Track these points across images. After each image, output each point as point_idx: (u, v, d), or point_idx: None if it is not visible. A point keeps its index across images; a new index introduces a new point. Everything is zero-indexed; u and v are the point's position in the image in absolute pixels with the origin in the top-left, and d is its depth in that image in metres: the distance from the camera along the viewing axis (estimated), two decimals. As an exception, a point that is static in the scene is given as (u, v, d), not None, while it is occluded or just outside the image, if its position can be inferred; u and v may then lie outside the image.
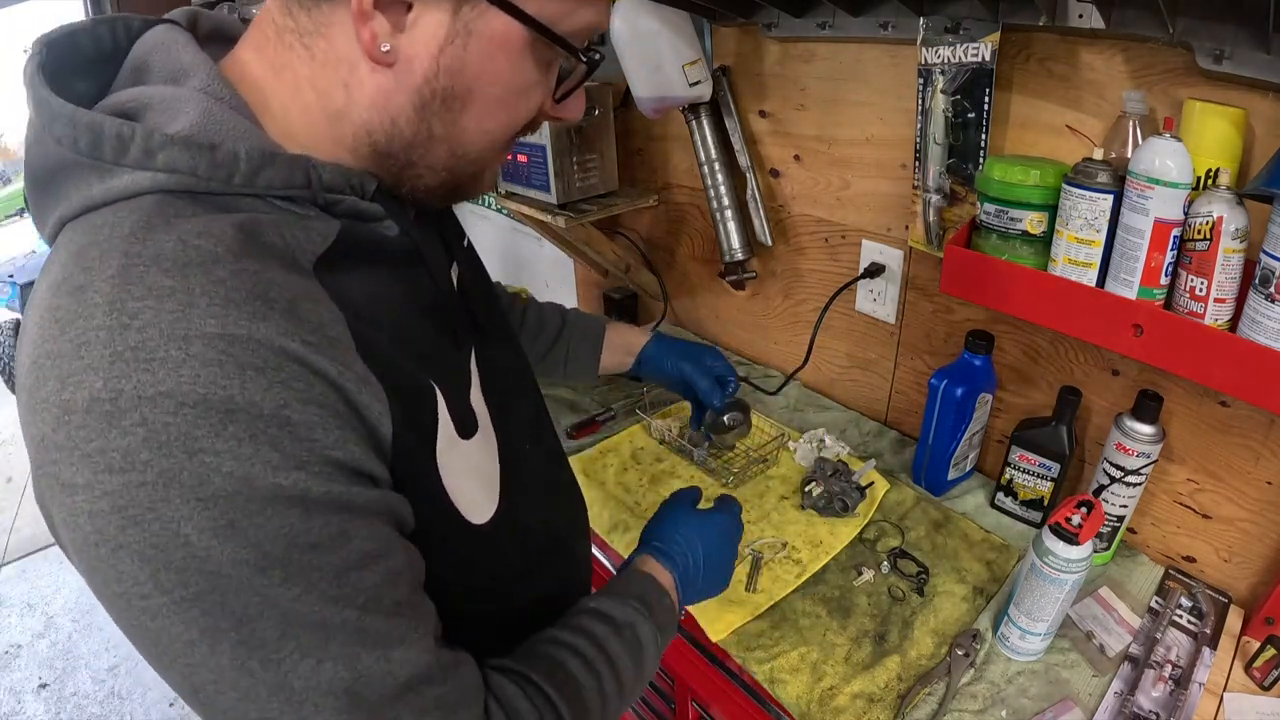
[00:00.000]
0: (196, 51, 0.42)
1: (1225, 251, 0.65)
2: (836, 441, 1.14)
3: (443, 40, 0.41)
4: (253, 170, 0.39)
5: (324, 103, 0.42)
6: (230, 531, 0.34)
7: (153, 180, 0.37)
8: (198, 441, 0.33)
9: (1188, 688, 0.75)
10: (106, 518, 0.33)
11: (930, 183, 0.94)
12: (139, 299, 0.33)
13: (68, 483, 0.33)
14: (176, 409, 0.32)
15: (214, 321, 0.33)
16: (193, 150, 0.37)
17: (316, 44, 0.41)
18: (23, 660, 2.12)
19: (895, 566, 0.91)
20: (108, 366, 0.32)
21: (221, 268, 0.35)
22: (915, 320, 1.11)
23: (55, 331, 0.34)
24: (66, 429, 0.32)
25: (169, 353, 0.33)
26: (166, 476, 0.32)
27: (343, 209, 0.43)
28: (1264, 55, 0.65)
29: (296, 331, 0.36)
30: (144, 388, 0.32)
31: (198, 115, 0.39)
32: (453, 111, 0.43)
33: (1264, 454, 0.81)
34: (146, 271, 0.34)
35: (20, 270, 4.15)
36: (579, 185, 1.28)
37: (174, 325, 0.33)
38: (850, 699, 0.75)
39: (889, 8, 0.92)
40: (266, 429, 0.34)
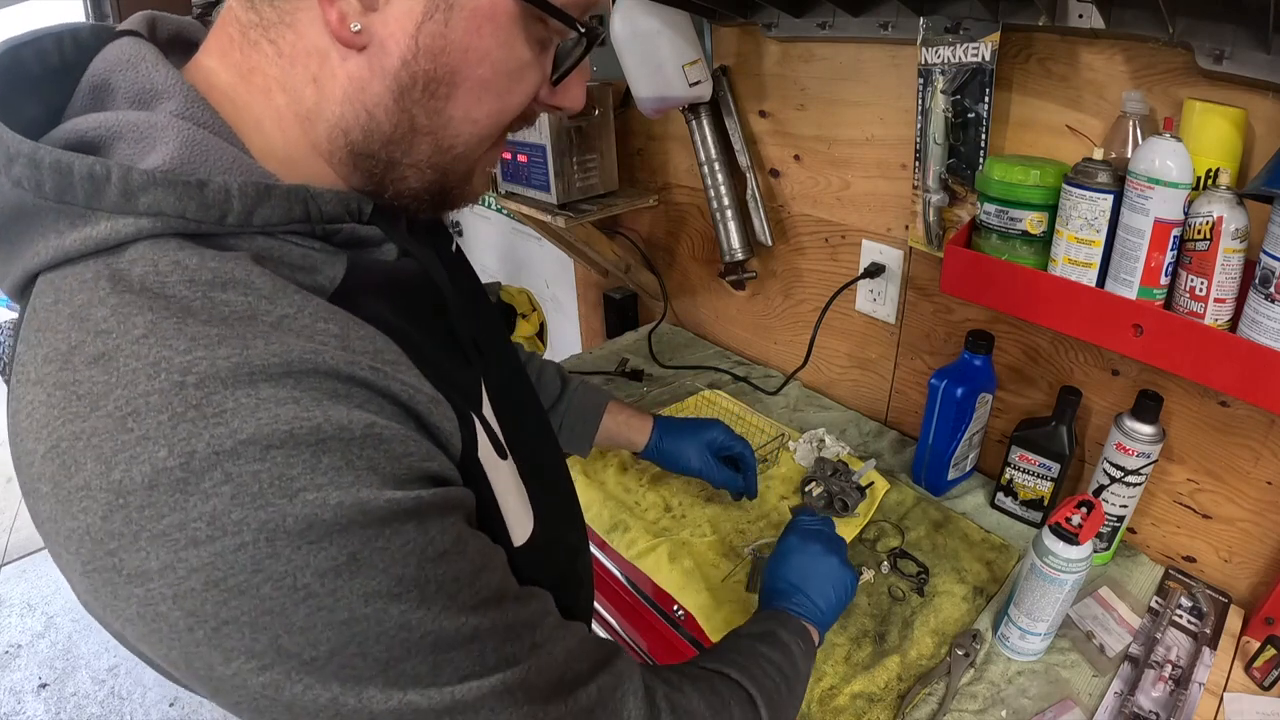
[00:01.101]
0: (168, 68, 0.37)
1: (1225, 251, 0.65)
2: (836, 441, 1.14)
3: (420, 16, 0.36)
4: (247, 208, 0.35)
5: (295, 105, 0.38)
6: (354, 566, 0.31)
7: (137, 227, 0.32)
8: (294, 481, 0.30)
9: (1188, 688, 0.75)
10: (199, 596, 0.29)
11: (930, 183, 0.94)
12: (185, 353, 0.30)
13: (137, 571, 0.29)
14: (263, 454, 0.29)
15: (276, 361, 0.31)
16: (179, 190, 0.33)
17: (283, 37, 0.37)
18: (23, 660, 2.12)
19: (895, 566, 0.91)
20: (170, 431, 0.29)
21: (262, 317, 0.32)
22: (915, 320, 1.11)
23: (83, 409, 0.30)
24: (124, 513, 0.29)
25: (239, 400, 0.29)
26: (269, 529, 0.29)
27: (342, 238, 0.39)
28: (1264, 55, 0.65)
29: (360, 357, 0.33)
30: (220, 441, 0.29)
31: (178, 146, 0.34)
32: (436, 99, 0.39)
33: (1264, 454, 0.81)
34: (183, 324, 0.30)
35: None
36: (579, 185, 1.29)
37: (235, 372, 0.30)
38: (850, 699, 0.75)
39: (889, 8, 0.92)
40: (363, 449, 0.31)
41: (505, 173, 1.36)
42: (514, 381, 0.61)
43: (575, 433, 0.91)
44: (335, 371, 0.32)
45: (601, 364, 1.40)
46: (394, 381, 0.34)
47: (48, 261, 0.33)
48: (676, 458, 0.93)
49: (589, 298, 1.79)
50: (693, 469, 0.93)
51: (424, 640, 0.33)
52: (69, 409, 0.30)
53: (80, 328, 0.31)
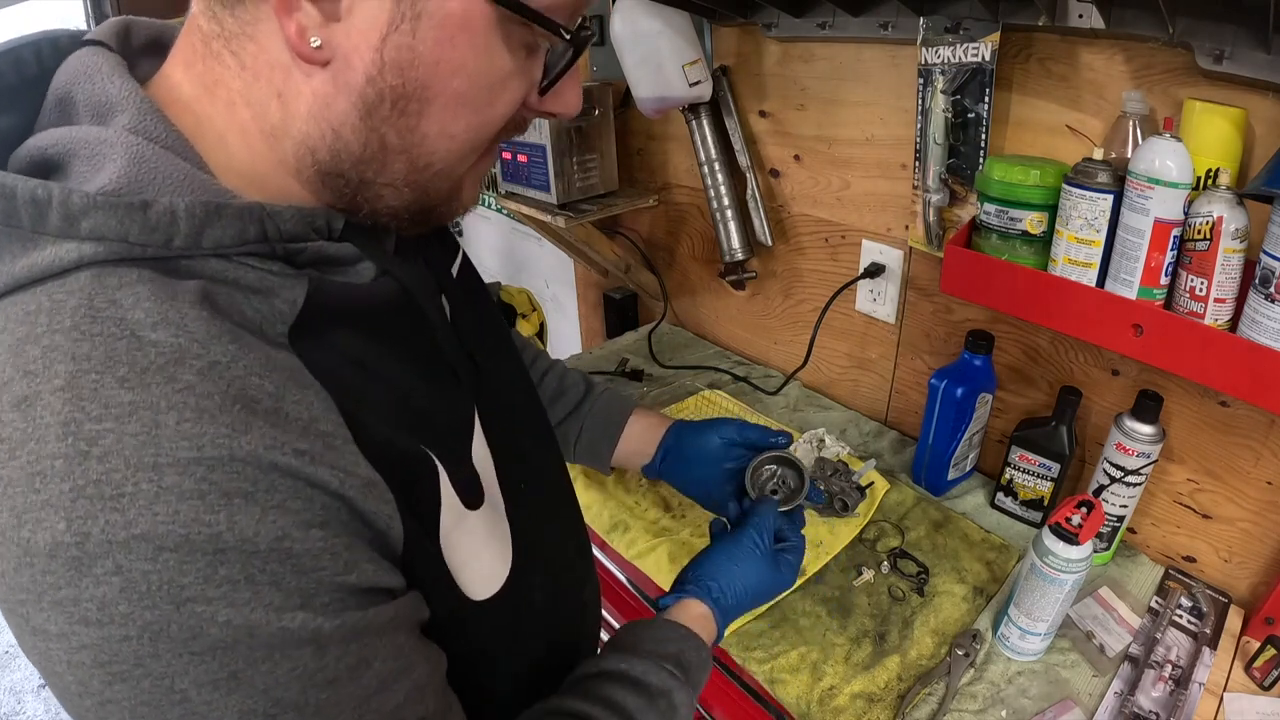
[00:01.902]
0: (124, 80, 0.35)
1: (1225, 251, 0.65)
2: (836, 441, 1.14)
3: (385, 28, 0.33)
4: (195, 230, 0.33)
5: (260, 121, 0.36)
6: (233, 683, 0.30)
7: (79, 252, 0.31)
8: (185, 590, 0.28)
9: (1188, 688, 0.75)
10: (88, 670, 0.29)
11: (930, 183, 0.94)
12: (96, 419, 0.28)
13: (39, 629, 0.29)
14: (155, 554, 0.28)
15: (186, 443, 0.29)
16: (120, 212, 0.31)
17: (245, 49, 0.35)
18: (23, 660, 2.12)
19: (895, 566, 0.91)
20: (69, 505, 0.28)
21: (187, 368, 0.30)
22: (915, 320, 1.11)
23: (2, 454, 0.29)
24: (30, 572, 0.28)
25: (139, 486, 0.28)
26: (152, 630, 0.28)
27: (308, 257, 0.37)
28: (1264, 55, 0.65)
29: (286, 439, 0.31)
30: (114, 530, 0.28)
31: (124, 164, 0.33)
32: (407, 115, 0.36)
33: (1264, 454, 0.81)
34: (100, 382, 0.29)
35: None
36: (579, 185, 1.28)
37: (140, 451, 0.28)
38: (850, 699, 0.75)
39: (889, 8, 0.92)
40: (265, 566, 0.30)
41: (505, 173, 1.36)
42: (515, 396, 0.58)
43: (595, 448, 0.81)
44: (255, 460, 0.30)
45: (601, 364, 1.40)
46: (322, 468, 0.31)
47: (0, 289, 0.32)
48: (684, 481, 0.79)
49: (589, 298, 1.79)
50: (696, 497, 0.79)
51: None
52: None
53: (14, 363, 0.30)
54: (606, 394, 0.83)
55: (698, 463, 0.77)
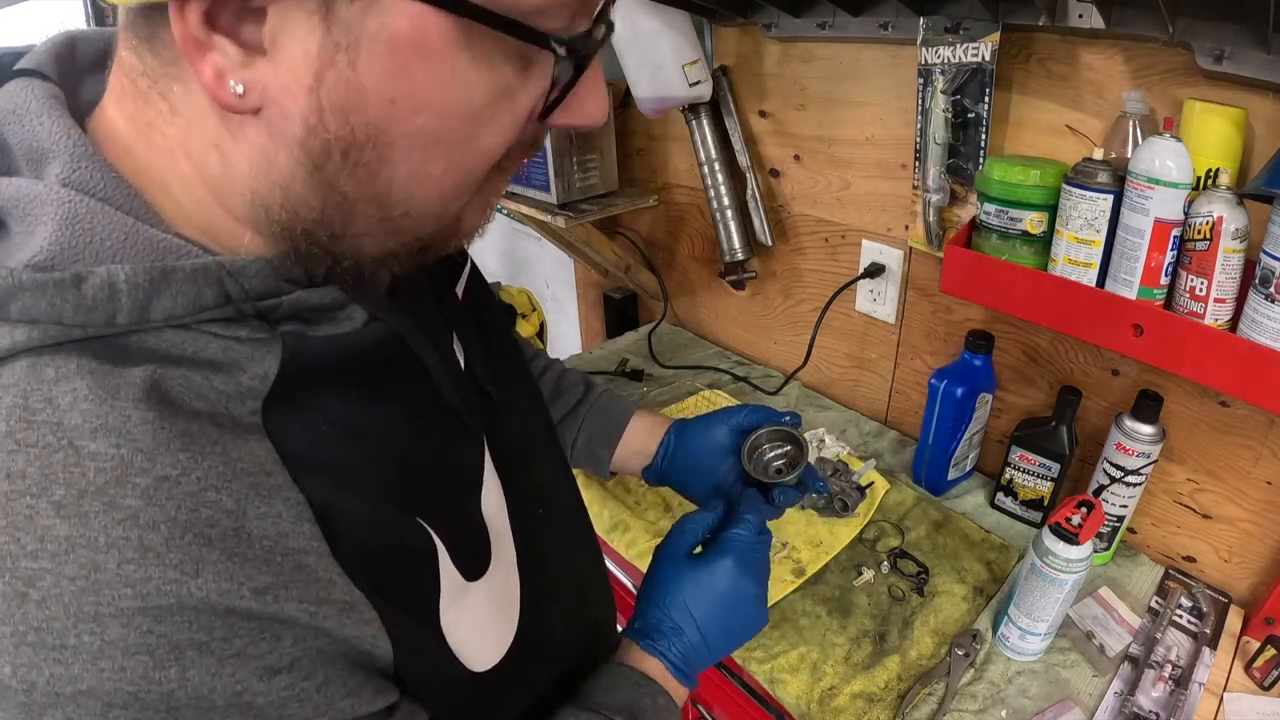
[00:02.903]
0: (55, 119, 0.30)
1: (1225, 251, 0.65)
2: (836, 441, 1.14)
3: (317, 63, 0.27)
4: (140, 303, 0.28)
5: (201, 172, 0.31)
6: None
7: (12, 339, 0.27)
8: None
9: (1188, 688, 0.75)
10: None
11: (930, 183, 0.94)
12: (32, 555, 0.25)
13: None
14: (104, 711, 0.25)
15: (129, 590, 0.25)
16: (50, 292, 0.27)
17: (171, 91, 0.29)
18: (23, 660, 2.11)
19: (895, 566, 0.91)
20: (12, 650, 0.25)
21: (129, 488, 0.26)
22: (915, 320, 1.11)
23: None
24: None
25: (80, 639, 0.25)
26: None
27: (285, 311, 0.32)
28: (1264, 55, 0.65)
29: (245, 577, 0.27)
30: (60, 684, 0.25)
31: (55, 228, 0.28)
32: (362, 165, 0.29)
33: (1264, 454, 0.80)
34: (35, 508, 0.25)
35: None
36: (579, 185, 1.28)
37: (80, 600, 0.25)
38: (850, 699, 0.75)
39: (889, 8, 0.92)
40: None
41: (505, 173, 1.36)
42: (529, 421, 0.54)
43: (594, 451, 0.74)
44: (206, 607, 0.26)
45: (601, 364, 1.40)
46: (288, 604, 0.28)
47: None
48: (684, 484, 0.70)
49: (589, 298, 1.79)
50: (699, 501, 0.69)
51: None
52: None
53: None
54: (605, 395, 0.76)
55: (704, 458, 0.68)
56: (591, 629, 0.57)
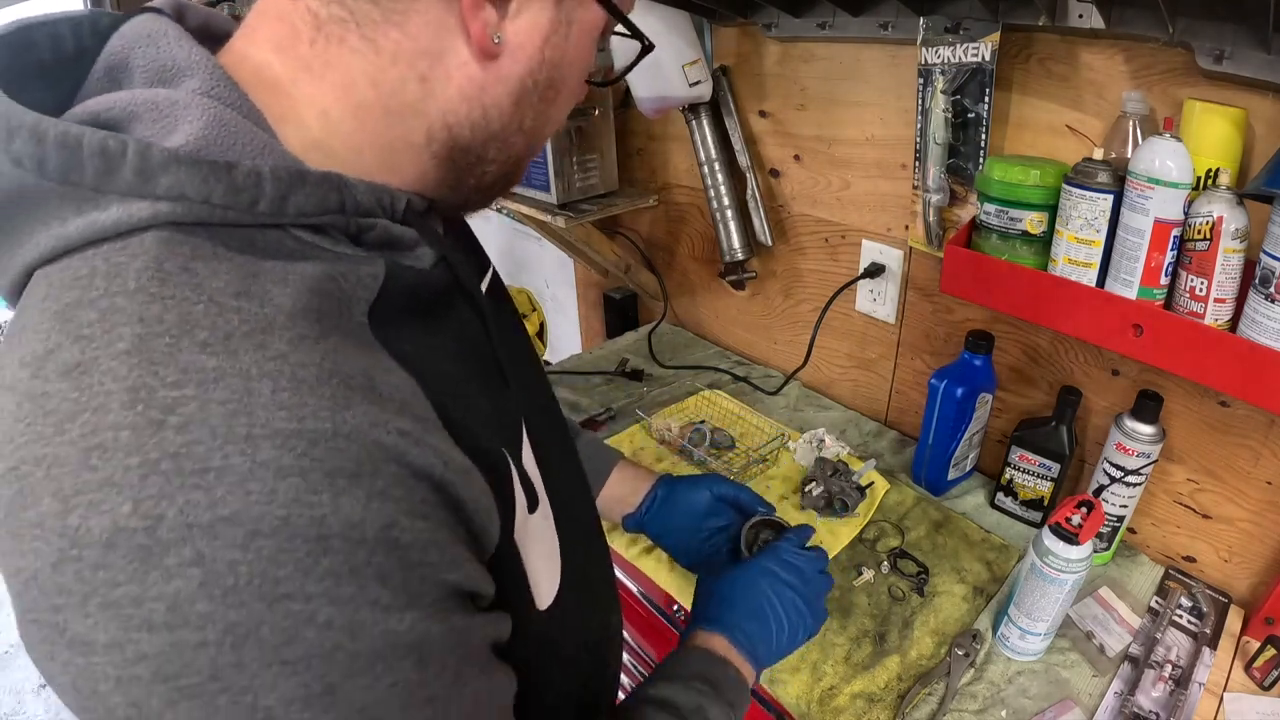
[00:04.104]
0: (192, 45, 0.33)
1: (1225, 251, 0.65)
2: (836, 441, 1.14)
3: (547, 31, 0.38)
4: (280, 194, 0.31)
5: (388, 100, 0.36)
6: (329, 699, 0.26)
7: (153, 211, 0.28)
8: (281, 584, 0.24)
9: (1188, 688, 0.75)
10: (146, 687, 0.24)
11: (930, 183, 0.94)
12: (173, 385, 0.25)
13: (81, 639, 0.24)
14: (247, 540, 0.24)
15: (285, 414, 0.25)
16: (205, 171, 0.29)
17: (384, 35, 0.35)
18: (23, 660, 2.12)
19: (895, 566, 0.91)
20: (138, 483, 0.24)
21: (276, 337, 0.27)
22: (915, 320, 1.11)
23: (46, 428, 0.25)
24: (76, 566, 0.24)
25: (228, 460, 0.24)
26: (238, 634, 0.24)
27: (374, 237, 0.35)
28: (1264, 55, 0.65)
29: (387, 418, 0.28)
30: (196, 512, 0.24)
31: (204, 125, 0.30)
32: (545, 102, 0.41)
33: (1264, 454, 0.81)
34: (176, 346, 0.25)
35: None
36: (579, 185, 1.28)
37: (231, 421, 0.25)
38: (850, 699, 0.75)
39: (889, 8, 0.92)
40: (371, 558, 0.26)
41: (505, 173, 1.36)
42: (547, 399, 0.56)
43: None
44: (359, 437, 0.27)
45: (601, 364, 1.40)
46: (425, 449, 0.29)
47: (47, 253, 0.29)
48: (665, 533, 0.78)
49: (589, 298, 1.80)
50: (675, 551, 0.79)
51: None
52: (33, 427, 0.25)
53: (62, 329, 0.26)
54: (591, 442, 0.80)
55: (683, 516, 0.77)
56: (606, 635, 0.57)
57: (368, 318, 0.32)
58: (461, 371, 0.38)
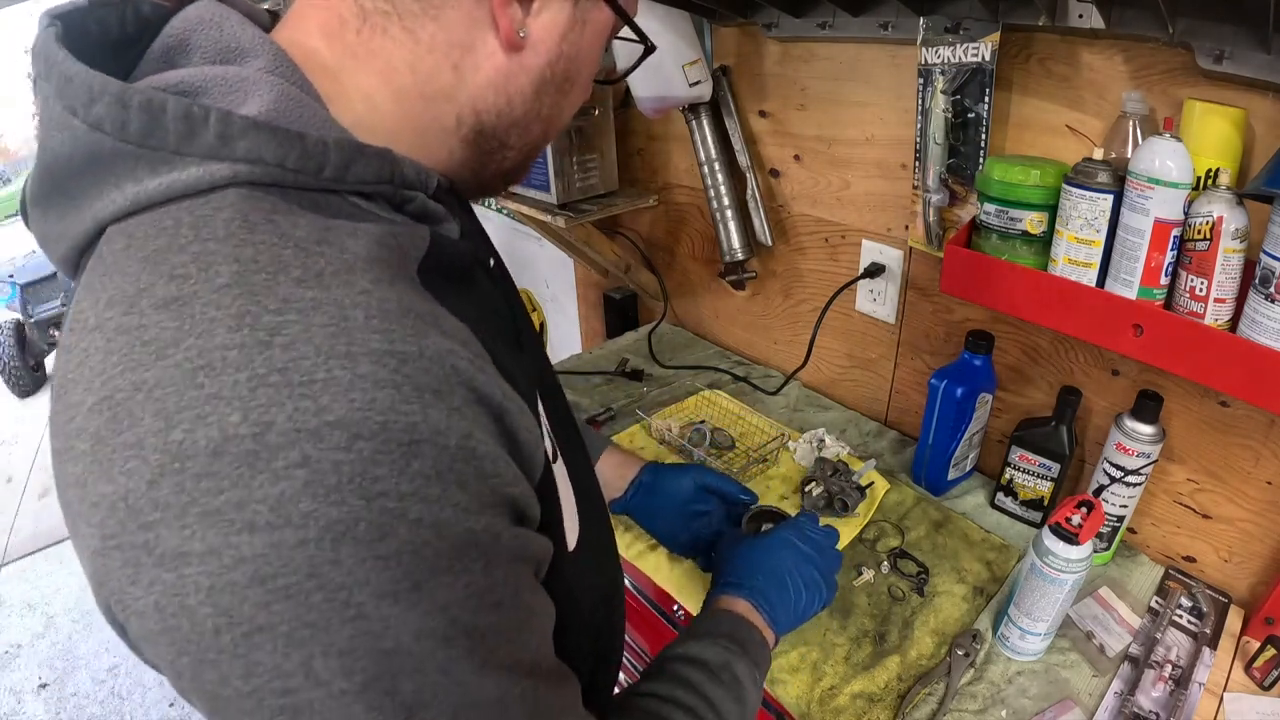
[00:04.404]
0: (255, 29, 0.37)
1: (1225, 251, 0.65)
2: (836, 441, 1.14)
3: (565, 27, 0.42)
4: (343, 162, 0.34)
5: (424, 86, 0.40)
6: (415, 595, 0.27)
7: (233, 172, 0.31)
8: (379, 482, 0.26)
9: (1188, 688, 0.75)
10: (240, 592, 0.25)
11: (930, 183, 0.94)
12: (275, 312, 0.27)
13: (175, 551, 0.25)
14: (349, 442, 0.26)
15: (378, 336, 0.28)
16: (280, 137, 0.32)
17: (422, 27, 0.39)
18: (23, 660, 2.12)
19: (895, 566, 0.91)
20: (247, 394, 0.25)
21: (360, 276, 0.30)
22: (915, 320, 1.11)
23: (146, 356, 0.26)
24: (177, 479, 0.25)
25: (332, 373, 0.26)
26: (337, 530, 0.26)
27: (414, 208, 0.38)
28: (1264, 55, 0.65)
29: (455, 347, 0.31)
30: (304, 417, 0.26)
31: (274, 98, 0.33)
32: (562, 93, 0.45)
33: (1264, 454, 0.81)
34: (274, 281, 0.28)
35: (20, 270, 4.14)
36: (579, 185, 1.29)
37: (332, 340, 0.27)
38: (850, 699, 0.75)
39: (889, 8, 0.92)
40: (453, 463, 0.28)
41: (505, 173, 1.36)
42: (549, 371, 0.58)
43: None
44: (438, 360, 0.29)
45: (601, 364, 1.40)
46: (489, 378, 0.31)
47: (123, 209, 0.31)
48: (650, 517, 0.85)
49: (589, 298, 1.80)
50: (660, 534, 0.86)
51: (454, 692, 0.29)
52: (130, 356, 0.27)
53: (153, 271, 0.28)
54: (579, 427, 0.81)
55: (668, 500, 0.83)
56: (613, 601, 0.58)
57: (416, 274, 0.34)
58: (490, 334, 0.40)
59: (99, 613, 0.31)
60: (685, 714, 0.49)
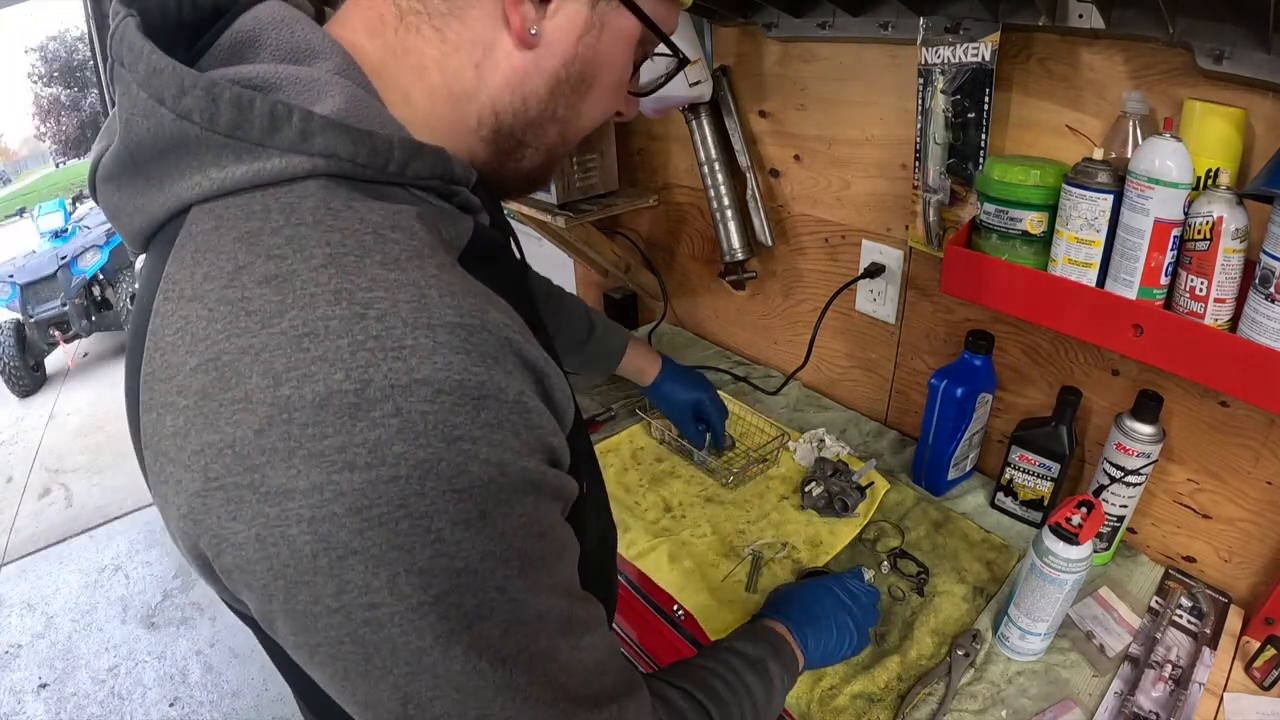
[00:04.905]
0: (323, 32, 0.40)
1: (1225, 251, 0.65)
2: (836, 441, 1.14)
3: (581, 29, 0.43)
4: (405, 159, 0.38)
5: (450, 84, 0.42)
6: (482, 523, 0.32)
7: (311, 165, 0.35)
8: (456, 429, 0.31)
9: (1188, 688, 0.75)
10: (339, 521, 0.30)
11: (930, 183, 0.94)
12: (368, 290, 0.32)
13: (279, 489, 0.30)
14: (434, 396, 0.31)
15: (450, 312, 0.33)
16: (354, 135, 0.36)
17: (449, 26, 0.41)
18: (23, 660, 2.12)
19: (895, 566, 0.91)
20: (349, 356, 0.30)
21: (429, 261, 0.34)
22: (915, 320, 1.11)
23: (252, 324, 0.31)
24: (284, 428, 0.30)
25: (418, 340, 0.31)
26: (423, 468, 0.30)
27: (459, 200, 0.42)
28: (1264, 55, 0.65)
29: (508, 321, 0.35)
30: (397, 375, 0.30)
31: (345, 99, 0.37)
32: (577, 95, 0.46)
33: (1264, 454, 0.81)
34: (362, 263, 0.32)
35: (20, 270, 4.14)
36: (579, 185, 1.29)
37: (416, 314, 0.32)
38: (850, 699, 0.75)
39: (889, 8, 0.92)
40: (510, 415, 0.33)
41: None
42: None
43: (598, 363, 1.08)
44: (497, 331, 0.34)
45: (601, 364, 1.40)
46: (533, 348, 0.36)
47: (209, 192, 0.34)
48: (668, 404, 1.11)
49: (589, 298, 1.79)
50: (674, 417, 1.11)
51: (507, 607, 0.34)
52: (235, 324, 0.31)
53: (249, 250, 0.32)
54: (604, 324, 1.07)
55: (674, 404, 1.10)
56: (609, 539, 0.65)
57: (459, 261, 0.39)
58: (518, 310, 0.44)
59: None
60: (725, 686, 0.55)
